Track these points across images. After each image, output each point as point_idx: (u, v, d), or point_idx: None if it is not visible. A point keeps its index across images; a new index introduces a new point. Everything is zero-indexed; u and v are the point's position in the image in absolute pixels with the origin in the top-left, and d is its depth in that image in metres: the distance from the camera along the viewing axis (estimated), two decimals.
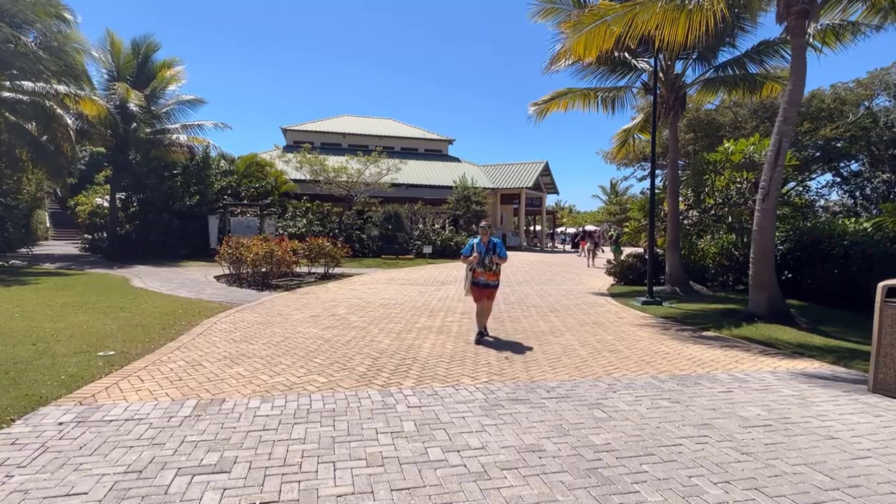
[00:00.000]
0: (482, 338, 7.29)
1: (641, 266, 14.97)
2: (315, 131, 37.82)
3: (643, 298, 11.19)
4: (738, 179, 14.33)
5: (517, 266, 21.58)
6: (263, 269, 13.33)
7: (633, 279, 15.15)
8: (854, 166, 18.34)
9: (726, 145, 14.07)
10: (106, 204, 21.73)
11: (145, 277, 14.37)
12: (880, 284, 5.23)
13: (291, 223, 23.64)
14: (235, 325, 8.02)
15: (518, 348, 6.88)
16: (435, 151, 40.56)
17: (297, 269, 16.52)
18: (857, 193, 17.52)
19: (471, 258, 7.24)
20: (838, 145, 19.30)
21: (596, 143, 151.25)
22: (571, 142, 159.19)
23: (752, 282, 9.16)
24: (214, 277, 14.39)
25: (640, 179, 23.77)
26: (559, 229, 55.09)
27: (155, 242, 19.45)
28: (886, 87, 18.77)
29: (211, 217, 19.62)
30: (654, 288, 12.97)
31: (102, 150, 21.92)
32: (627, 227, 19.49)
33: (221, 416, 4.14)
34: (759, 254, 8.96)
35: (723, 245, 14.04)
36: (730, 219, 13.82)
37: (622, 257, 15.50)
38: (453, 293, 12.59)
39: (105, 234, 20.68)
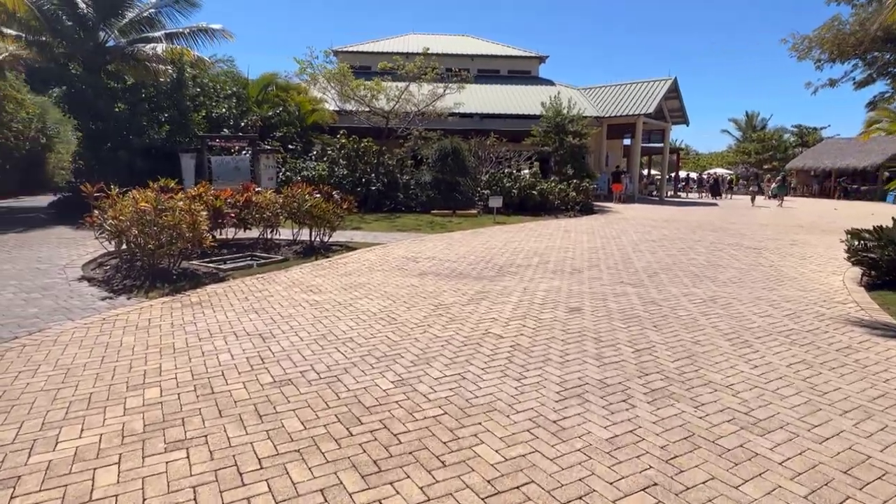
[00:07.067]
0: None
1: None
2: (373, 52, 30.70)
3: None
4: None
5: (642, 231, 13.48)
6: (150, 246, 6.92)
7: None
8: None
9: None
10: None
11: None
12: None
13: (313, 165, 17.26)
14: None
15: None
16: (521, 73, 31.80)
17: (276, 237, 10.24)
18: None
19: None
20: None
21: (726, 66, 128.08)
22: (693, 65, 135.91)
23: None
24: (93, 259, 8.28)
25: (859, 85, 14.14)
26: (684, 174, 44.00)
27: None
28: None
29: (184, 156, 13.74)
30: None
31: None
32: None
33: None
34: None
35: None
36: None
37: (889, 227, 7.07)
38: (510, 310, 5.30)
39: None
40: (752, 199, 28.11)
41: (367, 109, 18.03)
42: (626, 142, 31.17)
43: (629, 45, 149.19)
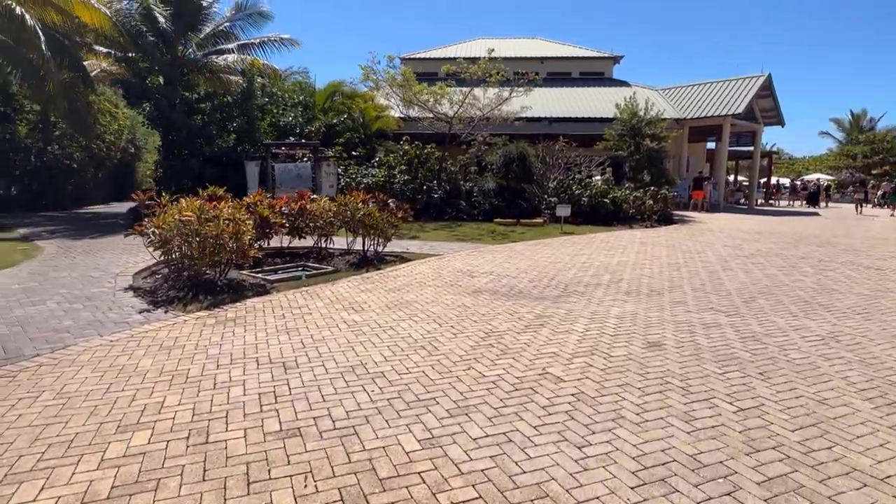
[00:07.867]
0: None
1: None
2: (439, 58, 30.44)
3: None
4: None
5: (731, 245, 11.92)
6: (195, 255, 6.71)
7: None
8: None
9: None
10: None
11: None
12: None
13: (374, 172, 17.05)
14: None
15: None
16: (594, 75, 30.24)
17: (330, 246, 9.96)
18: None
19: None
20: None
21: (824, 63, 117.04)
22: (788, 63, 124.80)
23: None
24: (147, 268, 8.24)
25: None
26: (774, 180, 40.00)
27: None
28: None
29: (249, 163, 13.93)
30: None
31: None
32: None
33: None
34: None
35: None
36: None
37: None
38: (574, 343, 4.42)
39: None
40: (858, 208, 25.03)
41: (430, 115, 17.58)
42: (711, 145, 28.75)
43: (715, 45, 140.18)
